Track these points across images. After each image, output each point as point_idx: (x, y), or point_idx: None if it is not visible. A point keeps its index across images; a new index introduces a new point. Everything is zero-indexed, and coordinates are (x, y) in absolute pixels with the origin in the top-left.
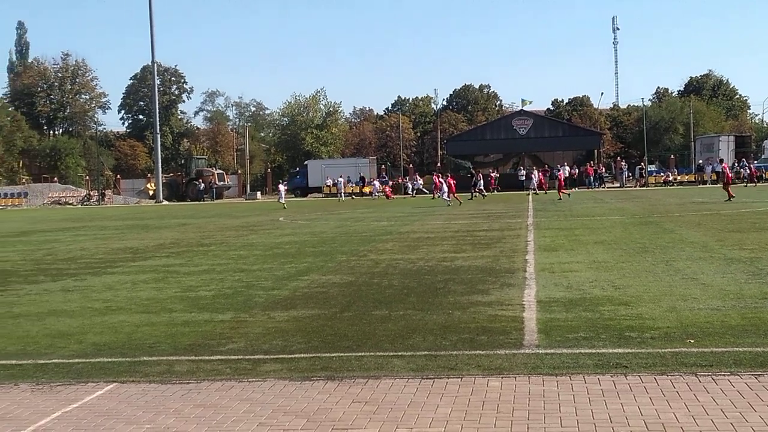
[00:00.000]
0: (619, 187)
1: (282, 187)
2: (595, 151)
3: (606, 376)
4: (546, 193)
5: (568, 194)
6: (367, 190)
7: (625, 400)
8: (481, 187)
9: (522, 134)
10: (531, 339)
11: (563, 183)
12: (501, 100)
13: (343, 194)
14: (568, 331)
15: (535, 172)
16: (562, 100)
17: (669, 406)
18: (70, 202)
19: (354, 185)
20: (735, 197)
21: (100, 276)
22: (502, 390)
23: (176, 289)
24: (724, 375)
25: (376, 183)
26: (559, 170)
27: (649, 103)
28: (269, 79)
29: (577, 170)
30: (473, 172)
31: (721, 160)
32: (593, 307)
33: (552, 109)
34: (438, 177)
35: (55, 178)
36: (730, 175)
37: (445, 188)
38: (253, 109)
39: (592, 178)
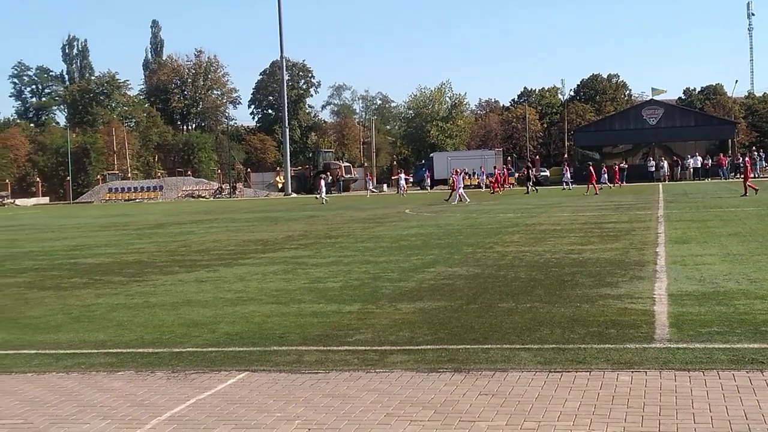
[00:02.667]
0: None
1: (402, 180)
2: (729, 140)
3: (741, 372)
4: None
5: (596, 193)
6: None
7: (762, 397)
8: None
9: (652, 124)
10: (662, 333)
11: (595, 178)
12: (630, 90)
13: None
14: (700, 326)
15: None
16: (694, 89)
17: None
18: (203, 195)
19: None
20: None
21: (232, 267)
22: (633, 385)
23: (305, 281)
24: None
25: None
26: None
27: None
28: (395, 72)
29: (710, 161)
30: (529, 165)
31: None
32: (727, 300)
33: (683, 98)
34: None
35: (189, 172)
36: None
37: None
38: (379, 102)
39: (725, 168)
